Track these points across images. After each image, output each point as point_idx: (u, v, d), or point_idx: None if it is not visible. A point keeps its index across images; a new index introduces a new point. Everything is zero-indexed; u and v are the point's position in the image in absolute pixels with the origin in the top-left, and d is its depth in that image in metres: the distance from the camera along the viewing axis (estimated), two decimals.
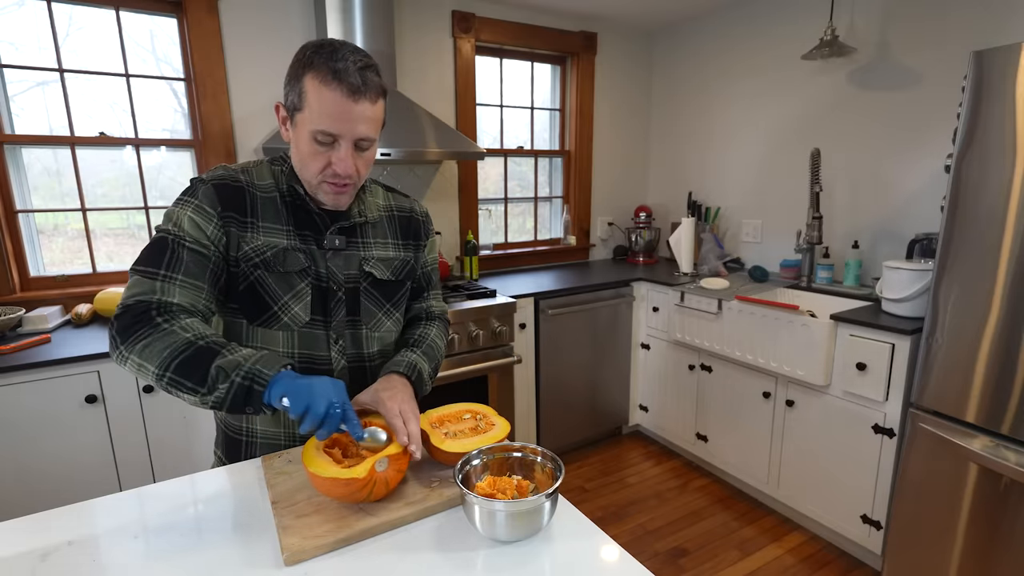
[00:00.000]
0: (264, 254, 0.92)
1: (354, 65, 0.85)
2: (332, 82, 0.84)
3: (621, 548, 0.74)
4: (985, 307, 1.50)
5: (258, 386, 0.78)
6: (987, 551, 1.55)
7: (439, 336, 1.13)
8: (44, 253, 2.13)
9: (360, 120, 0.87)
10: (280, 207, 0.95)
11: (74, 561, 0.71)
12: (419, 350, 1.05)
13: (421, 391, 1.01)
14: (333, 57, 0.85)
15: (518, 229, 3.26)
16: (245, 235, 0.92)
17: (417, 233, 1.11)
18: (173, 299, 0.83)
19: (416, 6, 2.59)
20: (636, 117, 3.43)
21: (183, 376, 0.78)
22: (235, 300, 0.93)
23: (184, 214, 0.88)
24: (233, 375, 0.78)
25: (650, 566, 2.01)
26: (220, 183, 0.92)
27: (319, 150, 0.88)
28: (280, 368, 0.80)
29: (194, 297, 0.86)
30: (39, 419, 1.64)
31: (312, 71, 0.85)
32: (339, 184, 0.92)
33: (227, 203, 0.91)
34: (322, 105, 0.85)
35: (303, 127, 0.88)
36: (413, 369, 1.00)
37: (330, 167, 0.90)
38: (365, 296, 1.02)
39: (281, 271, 0.93)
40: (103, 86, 2.11)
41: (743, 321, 2.27)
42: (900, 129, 2.27)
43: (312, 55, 0.86)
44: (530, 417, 2.63)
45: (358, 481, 0.75)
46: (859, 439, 1.95)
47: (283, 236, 0.94)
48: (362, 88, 0.86)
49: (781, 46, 2.67)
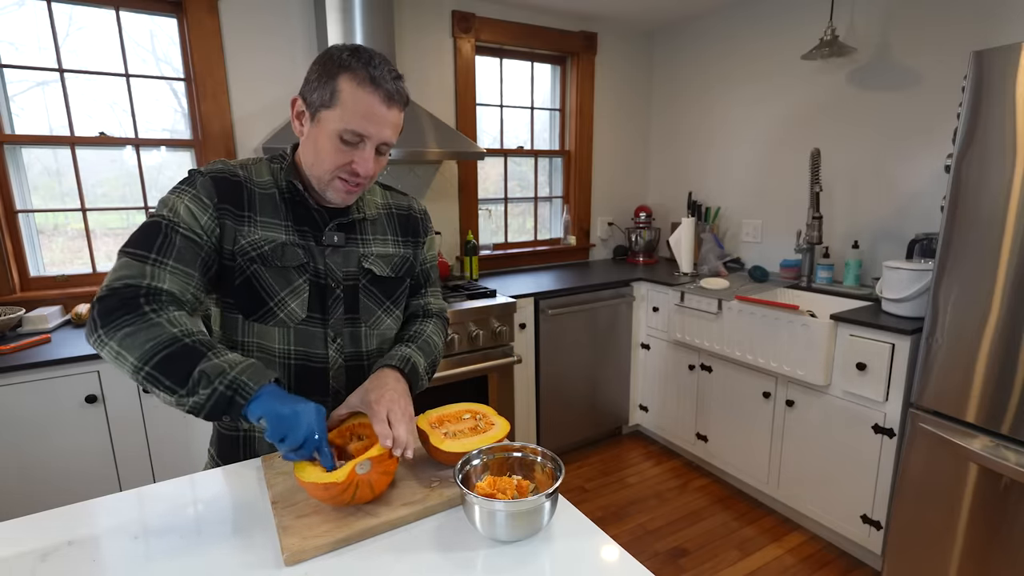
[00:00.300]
0: (262, 248, 0.92)
1: (389, 74, 0.89)
2: (370, 86, 0.87)
3: (621, 548, 0.74)
4: (985, 307, 1.50)
5: (240, 398, 0.77)
6: (987, 551, 1.55)
7: (436, 333, 1.11)
8: (44, 253, 2.13)
9: (388, 125, 0.90)
10: (279, 203, 0.95)
11: (74, 561, 0.72)
12: (414, 344, 1.04)
13: (416, 386, 0.99)
14: (370, 64, 0.88)
15: (518, 229, 3.26)
16: (242, 229, 0.91)
17: (416, 230, 1.11)
18: (163, 285, 0.82)
19: (416, 6, 2.59)
20: (636, 117, 3.43)
21: (163, 373, 0.76)
22: (231, 295, 0.93)
23: (180, 202, 0.88)
24: (216, 382, 0.76)
25: (650, 566, 2.01)
26: (218, 176, 0.92)
27: (343, 148, 0.89)
28: (266, 382, 0.79)
29: (183, 285, 0.84)
30: (39, 419, 1.64)
31: (349, 72, 0.87)
32: (353, 183, 0.93)
33: (224, 196, 0.91)
34: (357, 106, 0.87)
35: (329, 124, 0.88)
36: (407, 363, 0.98)
37: (350, 165, 0.91)
38: (364, 293, 1.02)
39: (279, 266, 0.93)
40: (103, 86, 2.11)
41: (743, 321, 2.27)
42: (900, 129, 2.27)
43: (349, 58, 0.88)
44: (530, 417, 2.63)
45: (337, 485, 0.74)
46: (859, 439, 1.95)
47: (282, 231, 0.94)
48: (395, 96, 0.90)
49: (781, 46, 2.67)
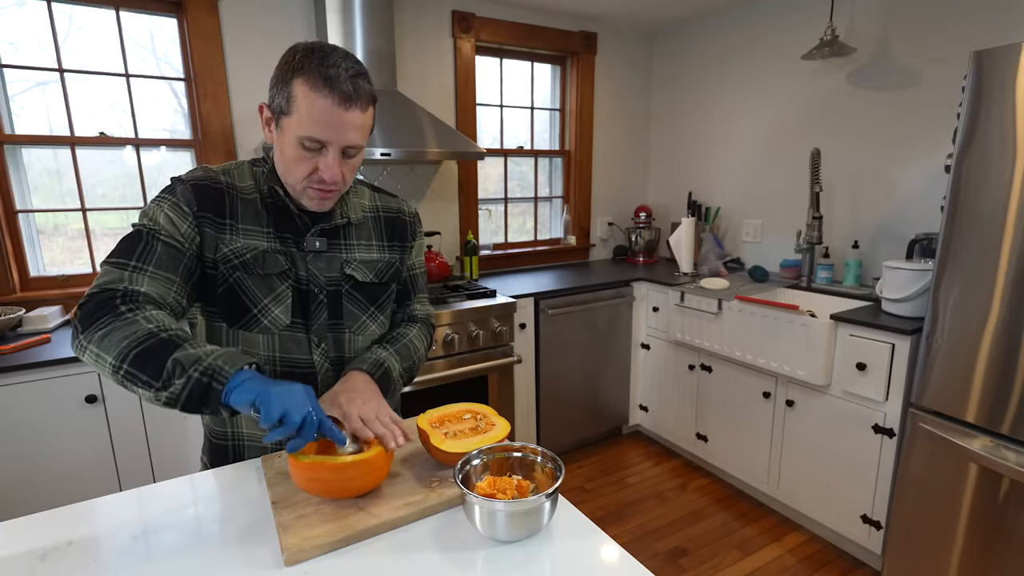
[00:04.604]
0: (243, 256, 0.91)
1: (346, 72, 0.83)
2: (324, 89, 0.82)
3: (621, 548, 0.74)
4: (985, 307, 1.50)
5: (217, 384, 0.73)
6: (987, 551, 1.54)
7: (418, 338, 1.08)
8: (44, 253, 2.12)
9: (350, 128, 0.85)
10: (260, 209, 0.94)
11: (74, 561, 0.71)
12: (392, 348, 1.02)
13: (389, 390, 0.97)
14: (324, 63, 0.82)
15: (518, 229, 3.25)
16: (224, 236, 0.90)
17: (403, 234, 1.09)
18: (141, 288, 0.81)
19: (416, 6, 2.59)
20: (636, 117, 3.43)
21: (139, 369, 0.74)
22: (214, 303, 0.92)
23: (160, 210, 0.87)
24: (191, 370, 0.73)
25: (650, 566, 2.01)
26: (199, 184, 0.91)
27: (305, 156, 0.87)
28: (243, 366, 0.76)
29: (164, 289, 0.83)
30: (39, 419, 1.64)
31: (302, 76, 0.82)
32: (324, 190, 0.91)
33: (204, 204, 0.89)
34: (312, 112, 0.83)
35: (290, 131, 0.85)
36: (378, 366, 0.96)
37: (316, 173, 0.88)
38: (348, 299, 1.00)
39: (261, 273, 0.92)
40: (103, 86, 2.11)
41: (743, 321, 2.27)
42: (900, 129, 2.26)
43: (302, 59, 0.83)
44: (530, 417, 2.63)
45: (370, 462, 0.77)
46: (859, 439, 1.95)
47: (263, 238, 0.93)
48: (353, 96, 0.84)
49: (781, 46, 2.67)
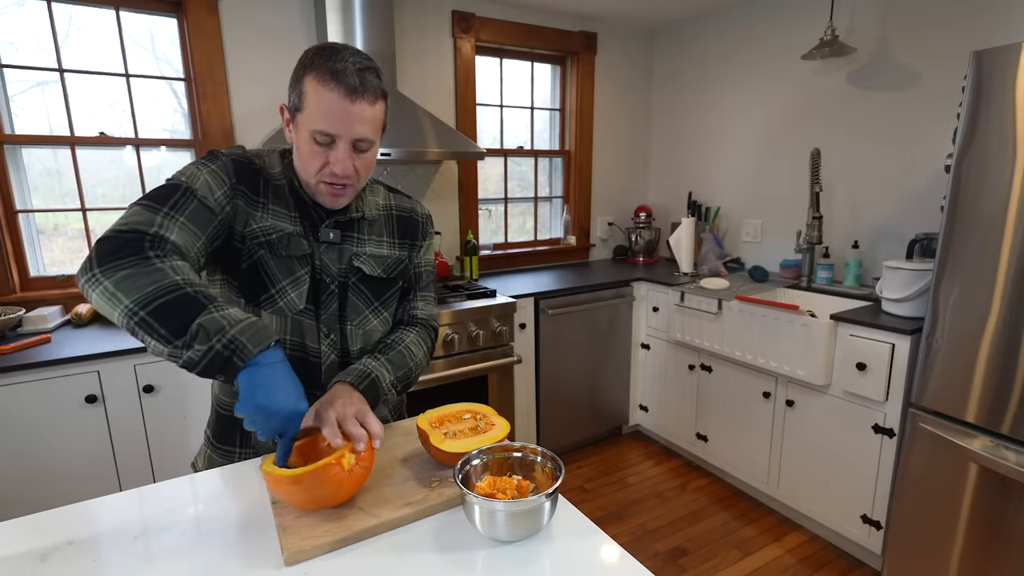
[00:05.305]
0: (270, 235, 0.94)
1: (353, 66, 0.86)
2: (330, 82, 0.85)
3: (621, 548, 0.74)
4: (985, 307, 1.50)
5: (238, 359, 0.72)
6: (987, 551, 1.54)
7: (415, 343, 1.06)
8: (44, 253, 2.12)
9: (357, 120, 0.88)
10: (287, 195, 0.98)
11: (74, 561, 0.71)
12: (383, 357, 0.99)
13: (378, 400, 0.94)
14: (333, 58, 0.86)
15: (518, 229, 3.25)
16: (255, 213, 0.94)
17: (415, 233, 1.11)
18: (171, 236, 0.80)
19: (416, 6, 2.59)
20: (636, 117, 3.43)
21: (159, 321, 0.72)
22: (238, 278, 0.94)
23: (200, 172, 0.89)
24: (214, 339, 0.72)
25: (650, 566, 2.01)
26: (239, 160, 0.95)
27: (317, 150, 0.89)
28: (265, 347, 0.74)
29: (190, 242, 0.83)
30: (39, 419, 1.64)
31: (312, 72, 0.86)
32: (336, 185, 0.92)
33: (241, 178, 0.93)
34: (320, 105, 0.86)
35: (303, 127, 0.89)
36: (364, 377, 0.93)
37: (327, 167, 0.90)
38: (353, 292, 1.02)
39: (284, 255, 0.95)
40: (103, 86, 2.10)
41: (743, 321, 2.27)
42: (900, 129, 2.26)
43: (313, 57, 0.87)
44: (530, 417, 2.63)
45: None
46: (859, 439, 1.95)
47: (288, 221, 0.96)
48: (359, 88, 0.86)
49: (781, 46, 2.67)
